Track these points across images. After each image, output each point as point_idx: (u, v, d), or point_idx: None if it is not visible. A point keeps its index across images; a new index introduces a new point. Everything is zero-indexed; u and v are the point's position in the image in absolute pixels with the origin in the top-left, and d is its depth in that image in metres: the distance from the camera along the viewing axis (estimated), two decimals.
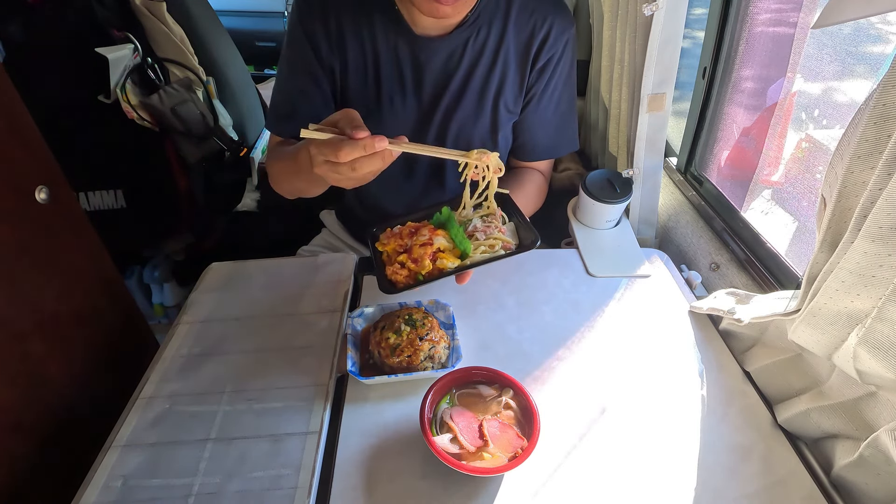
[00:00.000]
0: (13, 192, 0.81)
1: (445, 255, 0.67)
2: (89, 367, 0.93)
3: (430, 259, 0.66)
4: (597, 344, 0.75)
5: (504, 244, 0.70)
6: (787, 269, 0.78)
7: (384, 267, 0.69)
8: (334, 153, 0.58)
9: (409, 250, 0.67)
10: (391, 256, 0.69)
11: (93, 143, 1.33)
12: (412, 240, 0.69)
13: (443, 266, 0.66)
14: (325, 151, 0.59)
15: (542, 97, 0.89)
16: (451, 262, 0.67)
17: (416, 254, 0.66)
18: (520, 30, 0.84)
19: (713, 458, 0.60)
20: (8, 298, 0.78)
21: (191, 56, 1.39)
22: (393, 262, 0.68)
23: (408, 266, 0.66)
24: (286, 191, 0.87)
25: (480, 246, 0.69)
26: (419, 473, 0.58)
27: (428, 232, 0.69)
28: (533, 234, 0.70)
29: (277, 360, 0.70)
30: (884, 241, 0.43)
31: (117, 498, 0.55)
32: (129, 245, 1.59)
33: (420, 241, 0.68)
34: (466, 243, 0.68)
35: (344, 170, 0.59)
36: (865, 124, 0.44)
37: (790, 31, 0.87)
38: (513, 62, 0.85)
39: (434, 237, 0.68)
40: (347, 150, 0.57)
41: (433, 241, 0.68)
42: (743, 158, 0.99)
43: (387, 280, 0.67)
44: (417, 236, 0.69)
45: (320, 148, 0.59)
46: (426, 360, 0.67)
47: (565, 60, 0.88)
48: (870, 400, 0.53)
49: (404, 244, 0.69)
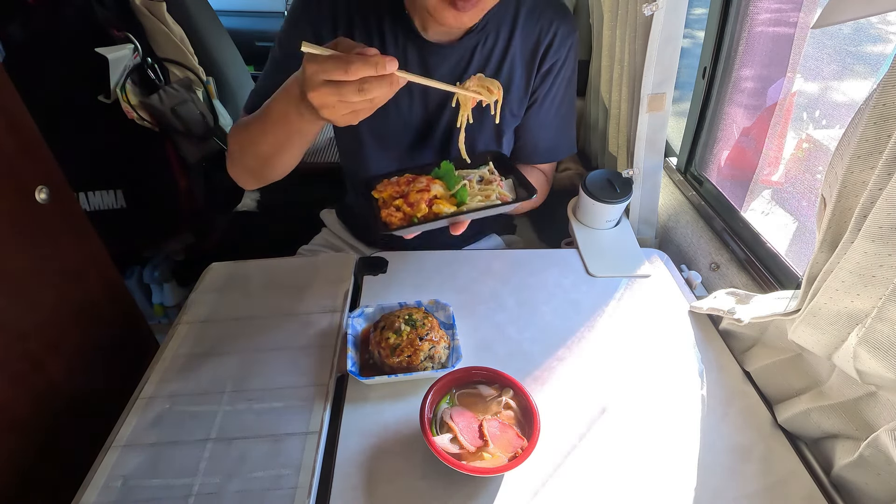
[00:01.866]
0: (13, 192, 0.81)
1: (442, 202, 0.67)
2: (89, 367, 0.93)
3: (426, 204, 0.66)
4: (597, 344, 0.75)
5: (500, 196, 0.70)
6: (787, 269, 0.78)
7: (379, 211, 0.68)
8: (342, 69, 0.51)
9: (405, 196, 0.67)
10: (387, 202, 0.69)
11: (93, 143, 1.33)
12: (409, 186, 0.69)
13: (439, 210, 0.66)
14: (328, 68, 0.52)
15: (544, 100, 0.90)
16: (447, 208, 0.67)
17: (413, 199, 0.66)
18: (526, 36, 0.84)
19: (713, 458, 0.60)
20: (8, 298, 0.78)
21: (191, 56, 1.39)
22: (389, 206, 0.67)
23: (403, 209, 0.66)
24: (247, 165, 0.79)
25: (477, 196, 0.69)
26: (419, 473, 0.58)
27: (426, 180, 0.70)
28: (529, 188, 0.71)
29: (277, 360, 0.70)
30: (884, 241, 0.43)
31: (117, 498, 0.55)
32: (129, 245, 1.59)
33: (417, 188, 0.68)
34: (463, 191, 0.68)
35: (349, 91, 0.53)
36: (865, 124, 0.44)
37: (790, 31, 0.87)
38: (519, 67, 0.86)
39: (431, 185, 0.69)
40: (358, 65, 0.51)
41: (430, 188, 0.68)
42: (743, 158, 0.99)
43: (381, 222, 0.66)
44: (415, 183, 0.69)
45: (323, 65, 0.52)
46: (426, 360, 0.67)
47: (568, 65, 0.89)
48: (870, 400, 0.53)
49: (401, 191, 0.69)
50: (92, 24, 1.25)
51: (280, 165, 0.77)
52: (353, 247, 1.10)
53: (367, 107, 0.56)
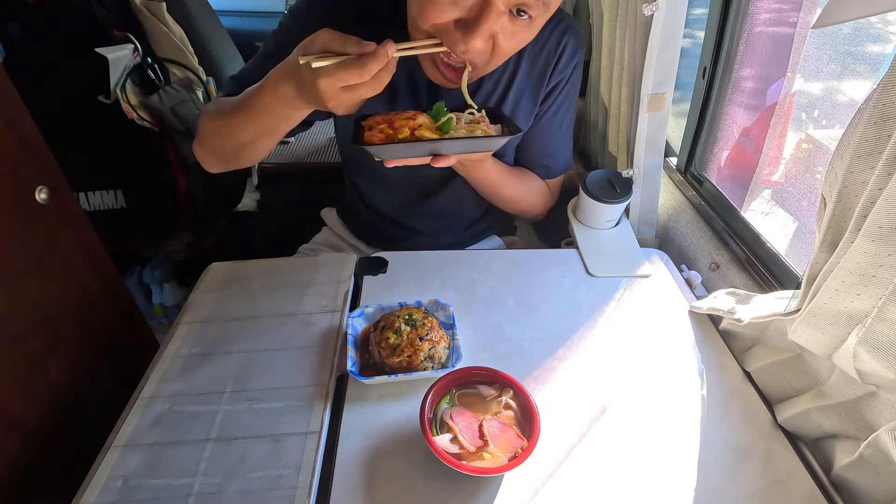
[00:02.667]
0: (13, 192, 0.81)
1: (425, 129, 0.67)
2: (89, 367, 0.93)
3: (409, 129, 0.65)
4: (597, 344, 0.75)
5: (484, 132, 0.69)
6: (787, 269, 0.78)
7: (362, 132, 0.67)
8: (359, 73, 0.53)
9: (390, 122, 0.67)
10: (372, 127, 0.68)
11: (93, 143, 1.33)
12: (396, 116, 0.68)
13: (420, 135, 0.65)
14: (344, 78, 0.54)
15: (545, 115, 0.91)
16: (429, 134, 0.66)
17: (398, 124, 0.66)
18: (535, 56, 0.84)
19: (713, 458, 0.60)
20: (8, 298, 0.78)
21: (191, 56, 1.39)
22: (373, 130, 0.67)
23: (385, 132, 0.65)
24: (217, 150, 0.79)
25: (462, 130, 0.69)
26: (419, 473, 0.58)
27: (413, 112, 0.69)
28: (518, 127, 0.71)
29: (277, 360, 0.70)
30: (884, 241, 0.43)
31: (117, 498, 0.55)
32: (129, 245, 1.59)
33: (403, 116, 0.68)
34: (448, 123, 0.68)
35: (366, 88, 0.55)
36: (865, 124, 0.44)
37: (790, 31, 0.87)
38: (527, 88, 0.86)
39: (418, 116, 0.68)
40: (372, 65, 0.53)
41: (416, 119, 0.68)
42: (743, 158, 0.99)
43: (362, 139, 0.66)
44: (402, 113, 0.69)
45: (337, 76, 0.54)
46: (426, 360, 0.67)
47: (572, 83, 0.89)
48: (870, 400, 0.53)
49: (388, 119, 0.69)
50: (92, 24, 1.25)
51: (255, 153, 0.77)
52: (354, 246, 1.10)
53: (375, 91, 0.58)
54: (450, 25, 0.63)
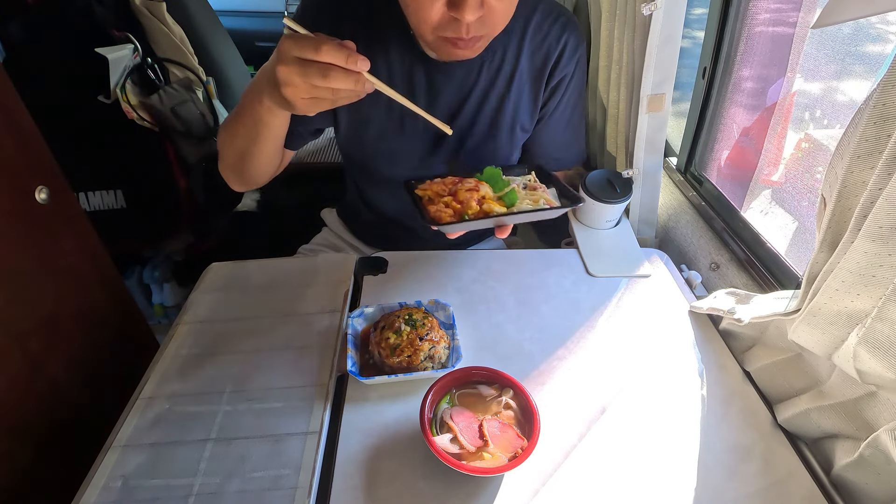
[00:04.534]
0: (13, 192, 0.81)
1: (490, 201, 0.66)
2: (89, 367, 0.93)
3: (476, 202, 0.65)
4: (597, 344, 0.75)
5: (547, 202, 0.70)
6: (787, 269, 0.78)
7: (426, 206, 0.67)
8: (314, 48, 0.53)
9: (454, 194, 0.67)
10: (433, 199, 0.68)
11: (93, 143, 1.33)
12: (457, 186, 0.68)
13: (489, 209, 0.65)
14: (302, 45, 0.53)
15: (553, 114, 0.90)
16: (497, 208, 0.66)
17: (462, 197, 0.65)
18: (534, 51, 0.84)
19: (713, 458, 0.60)
20: (8, 298, 0.78)
21: (191, 56, 1.39)
22: (437, 203, 0.66)
23: (453, 206, 0.65)
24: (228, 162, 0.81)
25: (525, 200, 0.69)
26: (419, 473, 0.58)
27: (474, 181, 0.69)
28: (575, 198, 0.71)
29: (277, 360, 0.70)
30: (884, 240, 0.43)
31: (117, 498, 0.55)
32: (129, 245, 1.59)
33: (466, 187, 0.67)
34: (513, 194, 0.68)
35: (314, 72, 0.54)
36: (865, 124, 0.44)
37: (790, 31, 0.87)
38: (528, 83, 0.86)
39: (480, 185, 0.68)
40: (329, 48, 0.53)
41: (479, 189, 0.67)
42: (743, 158, 0.99)
43: (430, 217, 0.65)
44: (463, 183, 0.68)
45: (298, 41, 0.54)
46: (426, 360, 0.67)
47: (577, 77, 0.89)
48: (870, 400, 0.53)
49: (448, 189, 0.68)
50: (92, 24, 1.25)
51: (256, 163, 0.78)
52: (354, 246, 1.10)
53: (328, 97, 0.57)
54: (445, 17, 0.64)
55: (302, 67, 0.54)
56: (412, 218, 1.00)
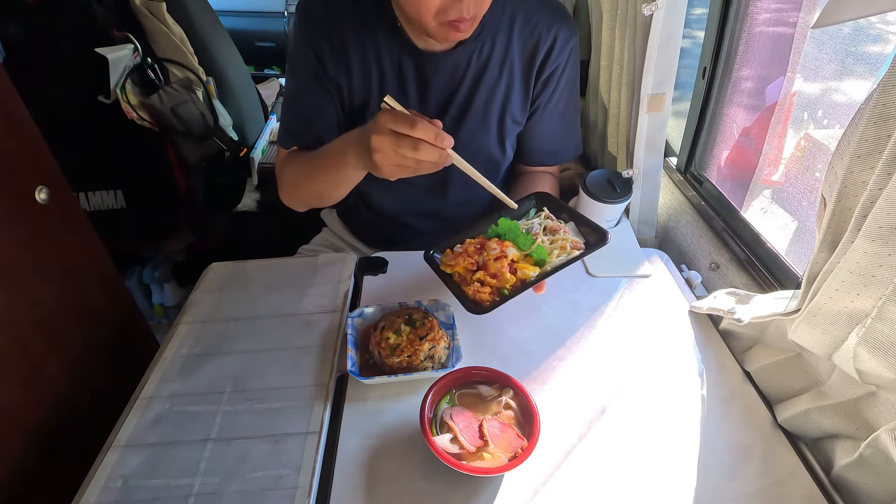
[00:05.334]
0: (13, 192, 0.81)
1: (522, 265, 0.66)
2: (89, 367, 0.93)
3: (508, 271, 0.65)
4: (597, 344, 0.75)
5: (573, 244, 0.69)
6: (787, 269, 0.78)
7: (461, 288, 0.66)
8: (409, 125, 0.59)
9: (483, 266, 0.66)
10: (464, 277, 0.67)
11: (93, 143, 1.33)
12: (483, 255, 0.67)
13: (525, 276, 0.65)
14: (398, 120, 0.60)
15: (546, 106, 0.90)
16: (531, 271, 0.65)
17: (493, 269, 0.65)
18: (524, 42, 0.84)
19: (713, 458, 0.60)
20: (8, 298, 0.78)
21: (191, 56, 1.39)
22: (470, 282, 0.66)
23: (488, 283, 0.64)
24: (302, 197, 0.88)
25: (553, 250, 0.68)
26: (419, 473, 0.58)
27: (497, 245, 0.67)
28: (598, 229, 0.70)
29: (277, 360, 0.70)
30: (884, 240, 0.43)
31: (117, 498, 0.55)
32: (129, 245, 1.59)
33: (493, 256, 0.66)
34: (541, 249, 0.67)
35: (406, 146, 0.60)
36: (865, 124, 0.44)
37: (790, 31, 0.87)
38: (518, 74, 0.86)
39: (505, 249, 0.67)
40: (422, 126, 0.59)
41: (506, 253, 0.66)
42: (743, 158, 0.99)
43: (471, 301, 0.65)
44: (487, 251, 0.67)
45: (395, 116, 0.60)
46: (426, 360, 0.67)
47: (570, 69, 0.88)
48: (870, 400, 0.53)
49: (475, 262, 0.67)
50: (92, 24, 1.25)
51: (328, 200, 0.87)
52: (354, 246, 1.10)
53: (412, 166, 0.63)
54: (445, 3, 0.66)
55: (396, 139, 0.60)
56: (412, 217, 1.00)
